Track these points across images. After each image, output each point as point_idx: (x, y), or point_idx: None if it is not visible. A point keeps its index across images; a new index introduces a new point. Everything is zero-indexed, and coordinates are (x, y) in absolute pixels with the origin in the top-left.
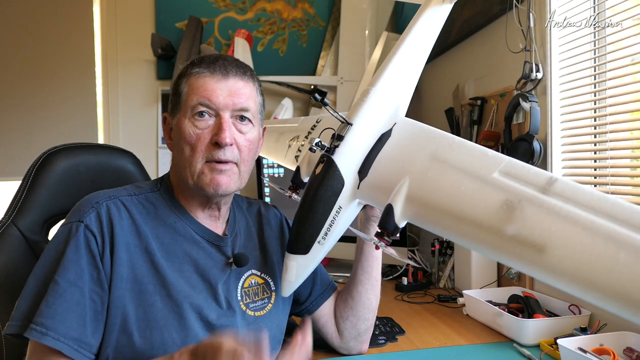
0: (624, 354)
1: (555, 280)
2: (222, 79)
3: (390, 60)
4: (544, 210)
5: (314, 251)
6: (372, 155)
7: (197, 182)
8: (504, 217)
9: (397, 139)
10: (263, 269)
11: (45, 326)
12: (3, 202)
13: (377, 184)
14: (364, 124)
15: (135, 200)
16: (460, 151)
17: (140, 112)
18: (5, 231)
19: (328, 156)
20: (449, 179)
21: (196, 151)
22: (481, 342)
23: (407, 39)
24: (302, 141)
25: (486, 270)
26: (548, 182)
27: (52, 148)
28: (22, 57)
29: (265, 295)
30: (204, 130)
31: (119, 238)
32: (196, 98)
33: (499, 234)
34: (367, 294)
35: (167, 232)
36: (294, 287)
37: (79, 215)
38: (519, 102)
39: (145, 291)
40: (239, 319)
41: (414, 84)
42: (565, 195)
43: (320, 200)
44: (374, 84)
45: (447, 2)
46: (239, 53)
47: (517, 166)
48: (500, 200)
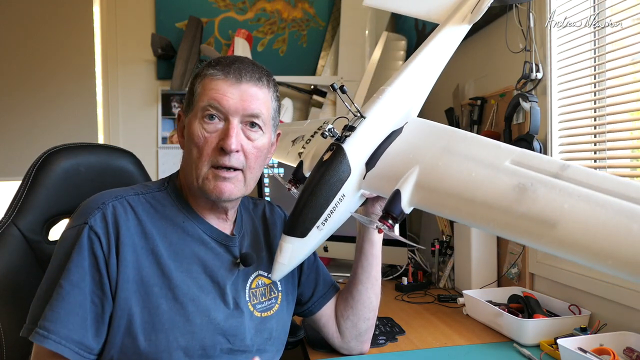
0: (624, 354)
1: (565, 252)
2: (235, 83)
3: (408, 65)
4: (556, 191)
5: (311, 236)
6: (381, 148)
7: (202, 186)
8: (515, 197)
9: (408, 136)
10: (269, 269)
11: (47, 329)
12: (3, 202)
13: (385, 174)
14: (377, 118)
15: (143, 199)
16: (473, 144)
17: (140, 112)
18: (5, 231)
19: (338, 144)
20: (460, 167)
21: (202, 154)
22: (481, 342)
23: (425, 49)
24: (308, 140)
25: (486, 270)
26: (561, 168)
27: (52, 148)
28: (22, 57)
29: (272, 295)
30: (212, 133)
31: (125, 239)
32: (207, 100)
33: (510, 212)
34: (367, 293)
35: (175, 232)
36: (285, 270)
37: (85, 216)
38: (519, 102)
39: (151, 293)
40: (246, 320)
41: (426, 92)
42: (577, 179)
43: (325, 184)
44: (390, 84)
45: (466, 22)
46: (239, 53)
47: (530, 155)
48: (513, 183)
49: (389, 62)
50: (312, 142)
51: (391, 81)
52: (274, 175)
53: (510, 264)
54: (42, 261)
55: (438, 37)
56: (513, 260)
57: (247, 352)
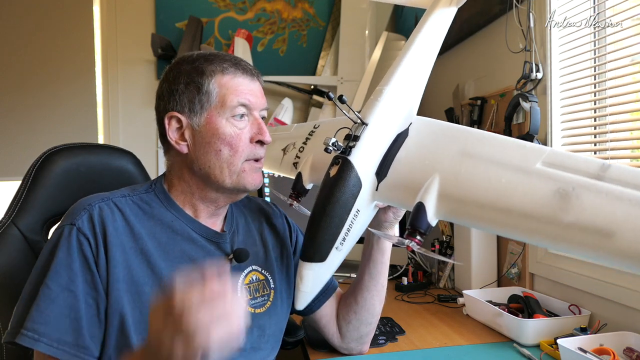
0: (624, 354)
1: (631, 264)
2: (253, 80)
3: (401, 59)
4: (603, 195)
5: (331, 258)
6: (389, 155)
7: (238, 180)
8: (558, 205)
9: (417, 138)
10: (264, 265)
11: (37, 332)
12: (3, 202)
13: (400, 184)
14: (380, 123)
15: (130, 200)
16: (493, 145)
17: (140, 112)
18: (5, 231)
19: (344, 157)
20: (486, 174)
21: (237, 151)
22: (481, 342)
23: (416, 39)
24: (301, 148)
25: (486, 270)
26: (601, 169)
27: (52, 148)
28: (22, 57)
29: (265, 292)
30: (243, 130)
31: (112, 239)
32: (237, 99)
33: (555, 222)
34: (372, 300)
35: (164, 231)
36: (309, 298)
37: (71, 218)
38: (519, 102)
39: (142, 292)
40: None
41: (423, 85)
42: (623, 180)
43: (337, 203)
44: (386, 83)
45: (454, 4)
46: (239, 53)
47: (562, 156)
48: (551, 189)
49: (389, 62)
50: (305, 149)
51: (387, 79)
52: (273, 193)
53: (510, 264)
54: None
55: (427, 25)
56: (513, 260)
57: (241, 350)
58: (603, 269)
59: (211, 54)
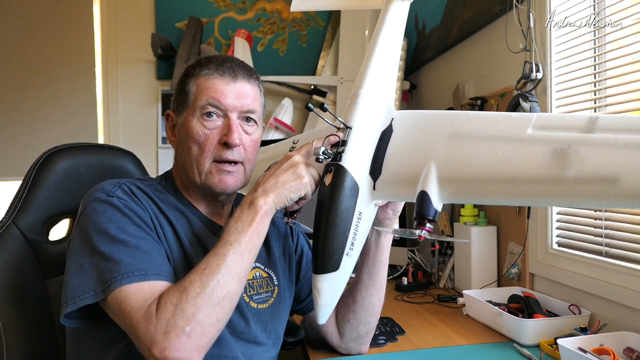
0: (624, 354)
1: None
2: (231, 81)
3: (369, 60)
4: (599, 145)
5: (344, 265)
6: (379, 153)
7: (205, 181)
8: (559, 164)
9: (402, 131)
10: (267, 263)
11: (142, 270)
12: (3, 202)
13: (396, 179)
14: (363, 124)
15: (148, 184)
16: (480, 122)
17: (140, 112)
18: (5, 231)
19: (336, 164)
20: (480, 150)
21: (204, 150)
22: (481, 342)
23: (379, 38)
24: None
25: (486, 270)
26: (590, 122)
27: (53, 148)
28: (22, 57)
29: (269, 288)
30: (213, 130)
31: (146, 206)
32: (205, 99)
33: (560, 181)
34: (371, 299)
35: (182, 218)
36: (330, 309)
37: (103, 192)
38: (519, 102)
39: (170, 257)
40: (244, 309)
41: (394, 80)
42: (613, 128)
43: (339, 210)
44: (361, 85)
45: None
46: (239, 53)
47: (550, 117)
48: (549, 151)
49: None
50: None
51: (361, 81)
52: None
53: (510, 264)
54: (42, 261)
55: (387, 22)
56: (513, 260)
57: (243, 344)
58: (603, 269)
59: (209, 57)
